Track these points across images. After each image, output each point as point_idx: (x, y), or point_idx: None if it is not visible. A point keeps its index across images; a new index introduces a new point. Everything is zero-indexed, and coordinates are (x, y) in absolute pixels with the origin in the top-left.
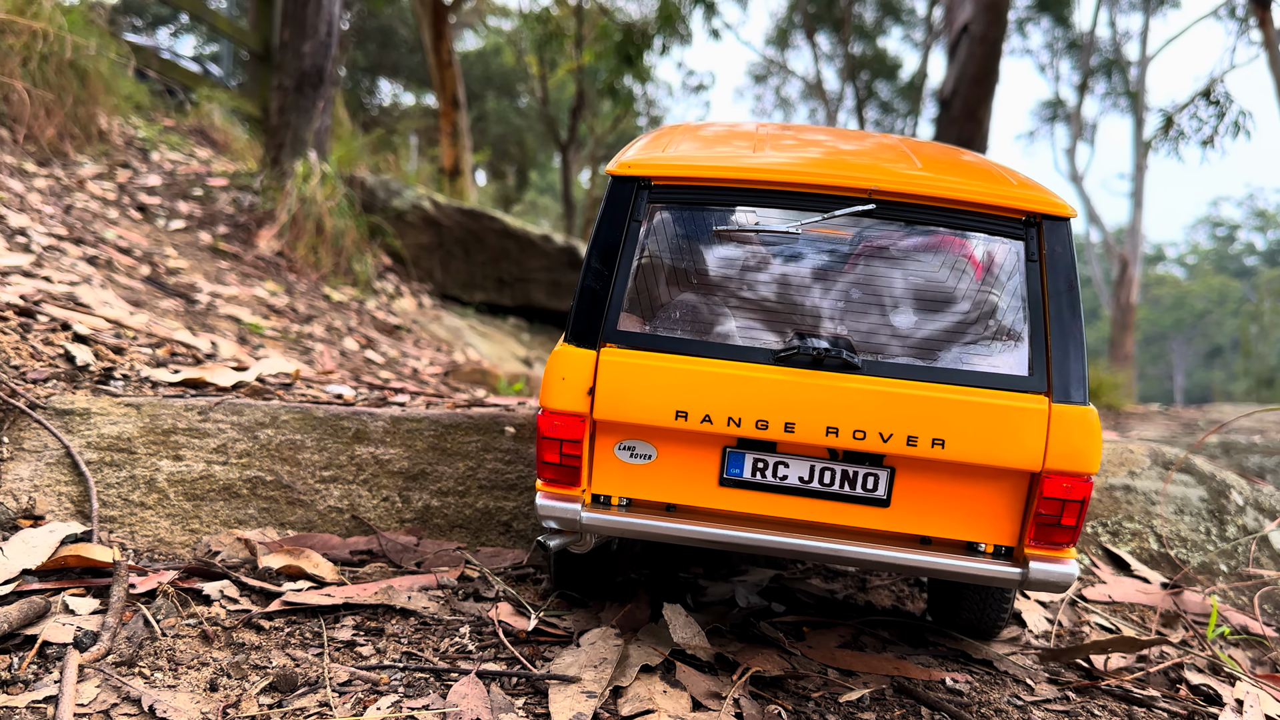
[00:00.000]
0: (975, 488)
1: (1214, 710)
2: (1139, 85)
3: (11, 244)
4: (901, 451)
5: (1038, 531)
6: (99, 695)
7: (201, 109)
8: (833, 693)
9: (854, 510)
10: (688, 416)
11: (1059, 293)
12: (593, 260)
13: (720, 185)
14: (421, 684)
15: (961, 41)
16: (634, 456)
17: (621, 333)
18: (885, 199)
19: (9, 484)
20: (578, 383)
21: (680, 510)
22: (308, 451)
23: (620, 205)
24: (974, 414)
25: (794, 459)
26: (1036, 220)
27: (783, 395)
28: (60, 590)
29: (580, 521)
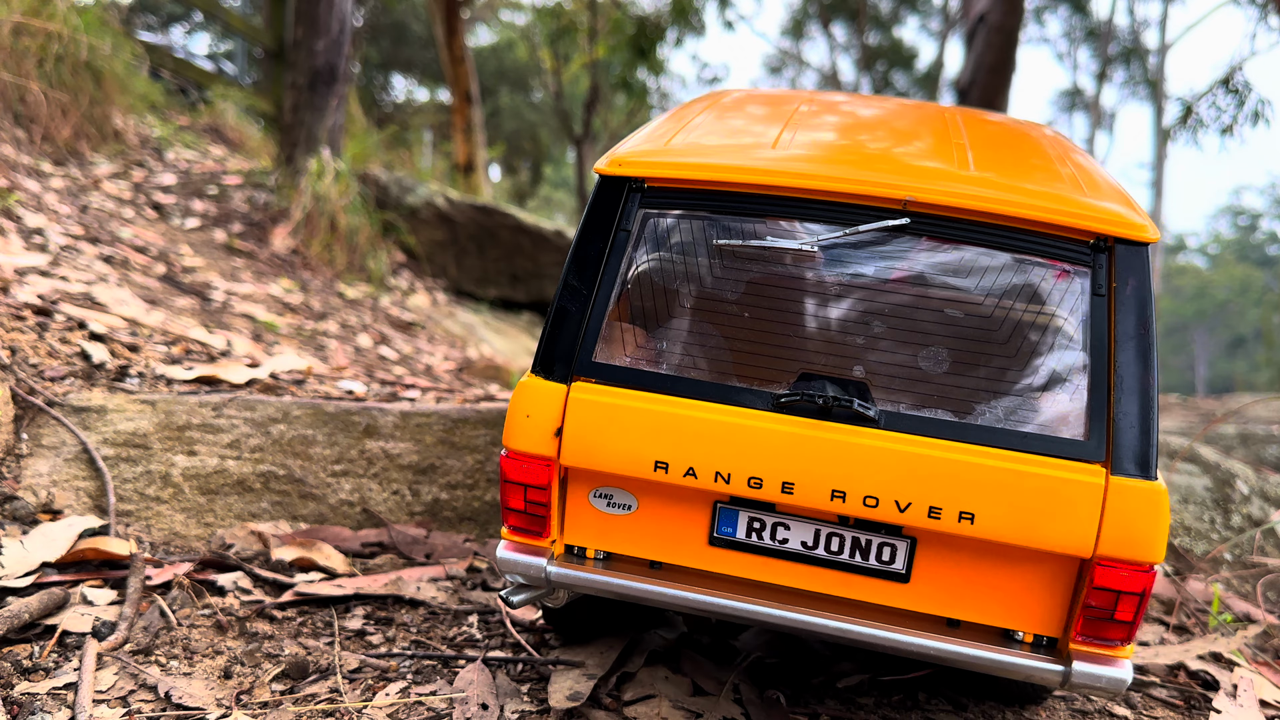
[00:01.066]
0: (1013, 569)
1: (1210, 694)
2: (1158, 73)
3: (29, 244)
4: (922, 524)
5: (1085, 625)
6: (117, 682)
7: (215, 107)
8: (831, 679)
9: (867, 584)
10: (668, 468)
11: (1129, 336)
12: (570, 276)
13: (723, 189)
14: (429, 671)
15: (978, 30)
16: (611, 505)
17: (597, 365)
18: (922, 211)
19: (28, 479)
20: (545, 421)
21: (666, 569)
22: (319, 446)
23: (606, 211)
24: (1012, 484)
25: (796, 520)
26: (1108, 244)
27: (781, 449)
28: (78, 582)
29: (547, 577)
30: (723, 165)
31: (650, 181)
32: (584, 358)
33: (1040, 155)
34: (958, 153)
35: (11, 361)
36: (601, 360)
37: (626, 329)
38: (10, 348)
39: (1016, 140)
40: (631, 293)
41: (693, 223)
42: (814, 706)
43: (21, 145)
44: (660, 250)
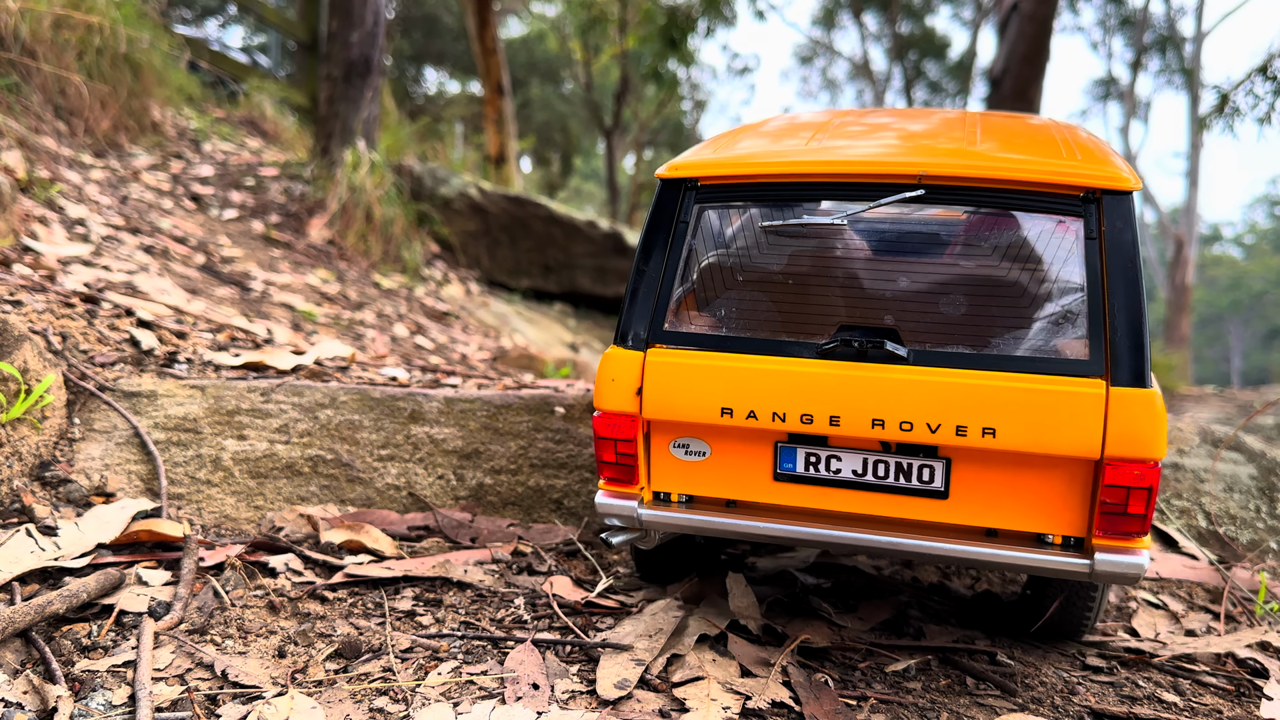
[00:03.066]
0: (1037, 477)
1: (1260, 682)
2: (1194, 62)
3: (71, 234)
4: (951, 442)
5: (1104, 521)
6: (174, 660)
7: (251, 100)
8: (879, 663)
9: (912, 503)
10: (733, 413)
11: (1119, 271)
12: (640, 262)
13: (765, 180)
14: (479, 651)
15: (1011, 19)
16: (688, 454)
17: (668, 333)
18: (935, 183)
19: (81, 463)
20: (627, 383)
21: (740, 505)
22: (365, 431)
23: (668, 208)
24: (1024, 401)
25: (847, 452)
26: (1096, 196)
27: (826, 389)
28: (133, 563)
29: (639, 519)
30: (761, 159)
31: (702, 181)
32: (656, 327)
33: (1043, 136)
34: (967, 137)
35: (63, 348)
36: (671, 328)
37: (690, 301)
38: (61, 334)
39: (1023, 128)
40: (691, 272)
41: (739, 210)
42: (862, 689)
43: (62, 137)
44: (713, 235)
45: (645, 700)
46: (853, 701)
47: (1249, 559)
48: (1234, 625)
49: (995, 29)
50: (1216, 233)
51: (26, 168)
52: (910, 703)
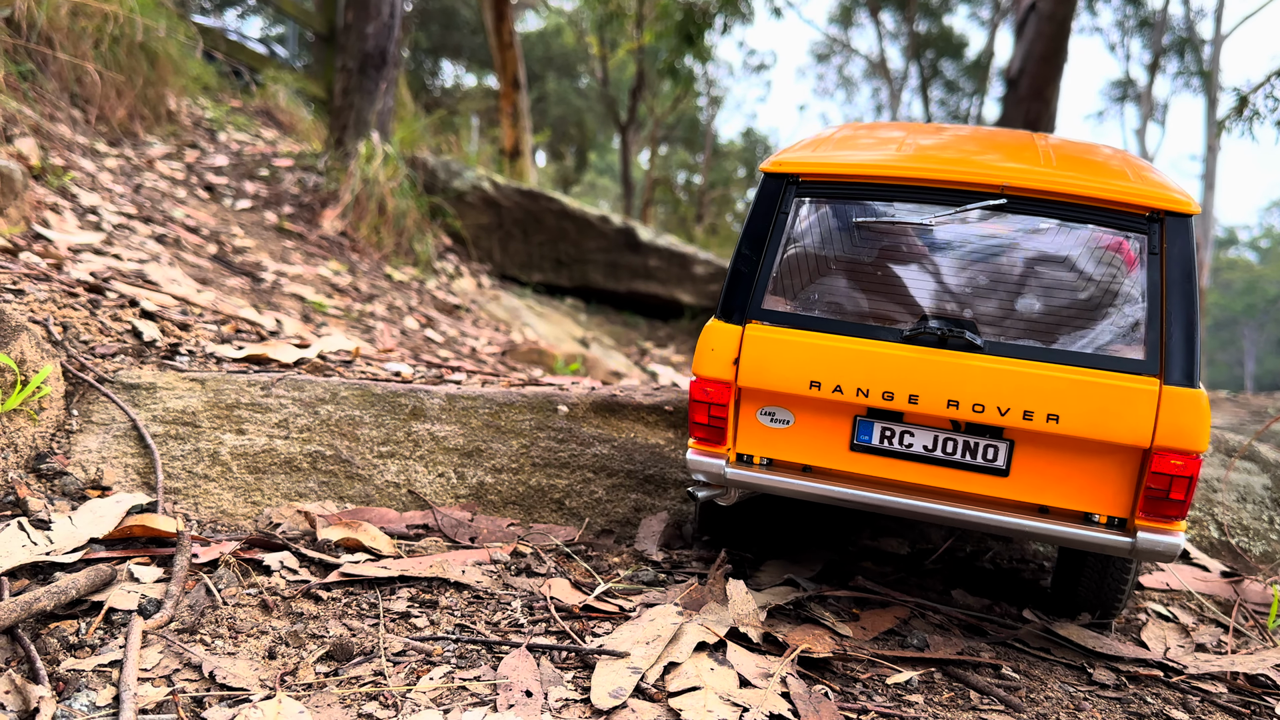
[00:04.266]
0: (1091, 462)
1: (1270, 701)
2: (1212, 64)
3: (83, 222)
4: (1018, 425)
5: (1147, 504)
6: (162, 660)
7: (267, 90)
8: (880, 674)
9: (975, 478)
10: (820, 387)
11: (1176, 283)
12: (743, 246)
13: (861, 181)
14: (473, 656)
15: (1029, 19)
16: (774, 421)
17: (765, 310)
18: (1015, 194)
19: (78, 455)
20: (725, 354)
21: (815, 471)
22: (366, 427)
23: (770, 198)
24: (1086, 392)
25: (919, 429)
26: (1160, 216)
27: (908, 370)
28: (126, 559)
29: (725, 476)
30: (862, 163)
31: (803, 176)
32: (755, 305)
33: (1110, 162)
34: (1041, 156)
35: (63, 338)
36: (768, 307)
37: (787, 283)
38: (62, 324)
39: (1086, 150)
40: (789, 257)
41: (835, 205)
42: (863, 702)
43: (78, 125)
44: (810, 226)
45: (640, 710)
46: (853, 715)
47: (1262, 571)
48: (1243, 639)
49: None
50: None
51: (40, 155)
52: (912, 717)
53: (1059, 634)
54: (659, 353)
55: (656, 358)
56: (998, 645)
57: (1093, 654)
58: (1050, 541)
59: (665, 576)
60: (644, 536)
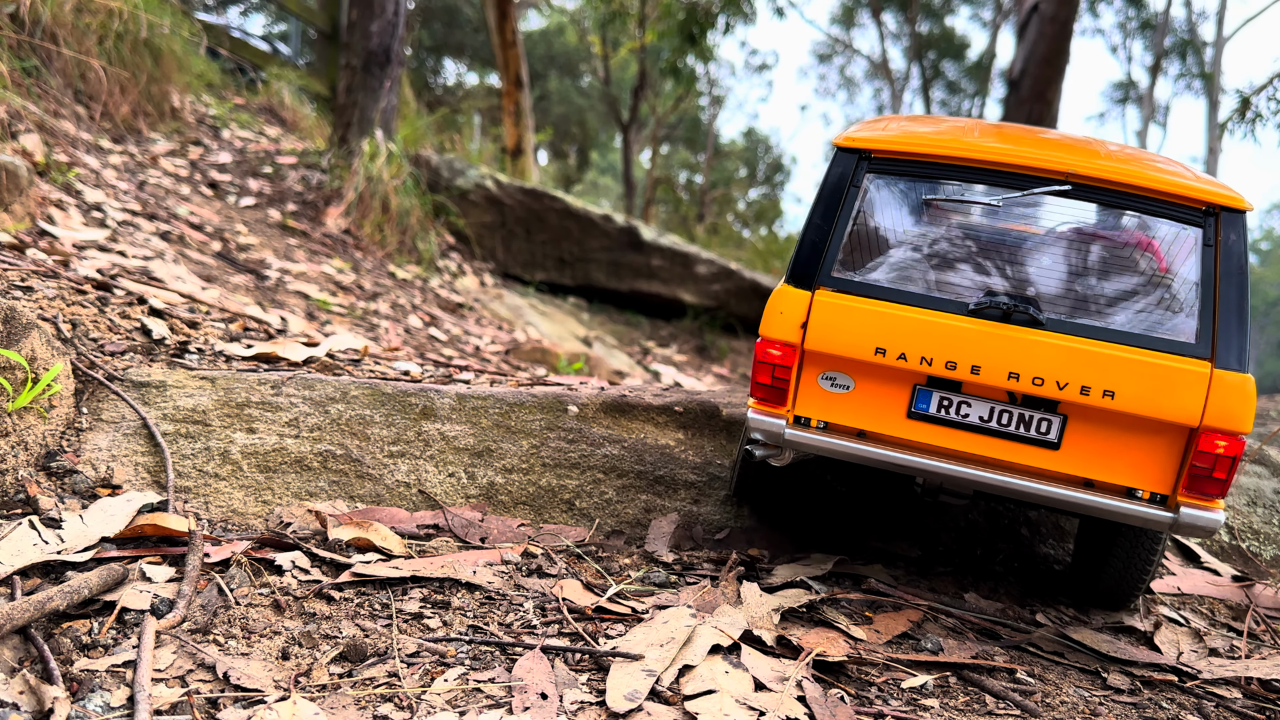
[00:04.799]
0: (1138, 439)
1: None
2: (1214, 66)
3: (88, 219)
4: (1075, 399)
5: (1190, 481)
6: (175, 661)
7: (271, 87)
8: (895, 678)
9: (1026, 450)
10: (886, 353)
11: (1229, 274)
12: (814, 216)
13: (932, 160)
14: (487, 657)
15: (1031, 21)
16: (834, 386)
17: (834, 278)
18: (1080, 181)
19: (88, 454)
20: (793, 317)
21: (869, 436)
22: (376, 427)
23: (842, 172)
24: (1142, 371)
25: (976, 400)
26: (1216, 210)
27: (972, 342)
28: (137, 558)
29: (784, 436)
30: (934, 142)
31: (875, 153)
32: (825, 273)
33: (1161, 161)
34: (1104, 153)
35: (72, 335)
36: (837, 275)
37: (855, 254)
38: (71, 322)
39: (1141, 152)
40: (858, 229)
41: (905, 182)
42: (879, 706)
43: (82, 122)
44: (879, 200)
45: (656, 713)
46: (869, 718)
47: (1273, 575)
48: (1256, 644)
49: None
50: None
51: (45, 151)
52: None
53: (1073, 638)
54: (661, 352)
55: (659, 357)
56: (1011, 649)
57: (1107, 658)
58: (1095, 514)
59: (676, 578)
60: (654, 537)
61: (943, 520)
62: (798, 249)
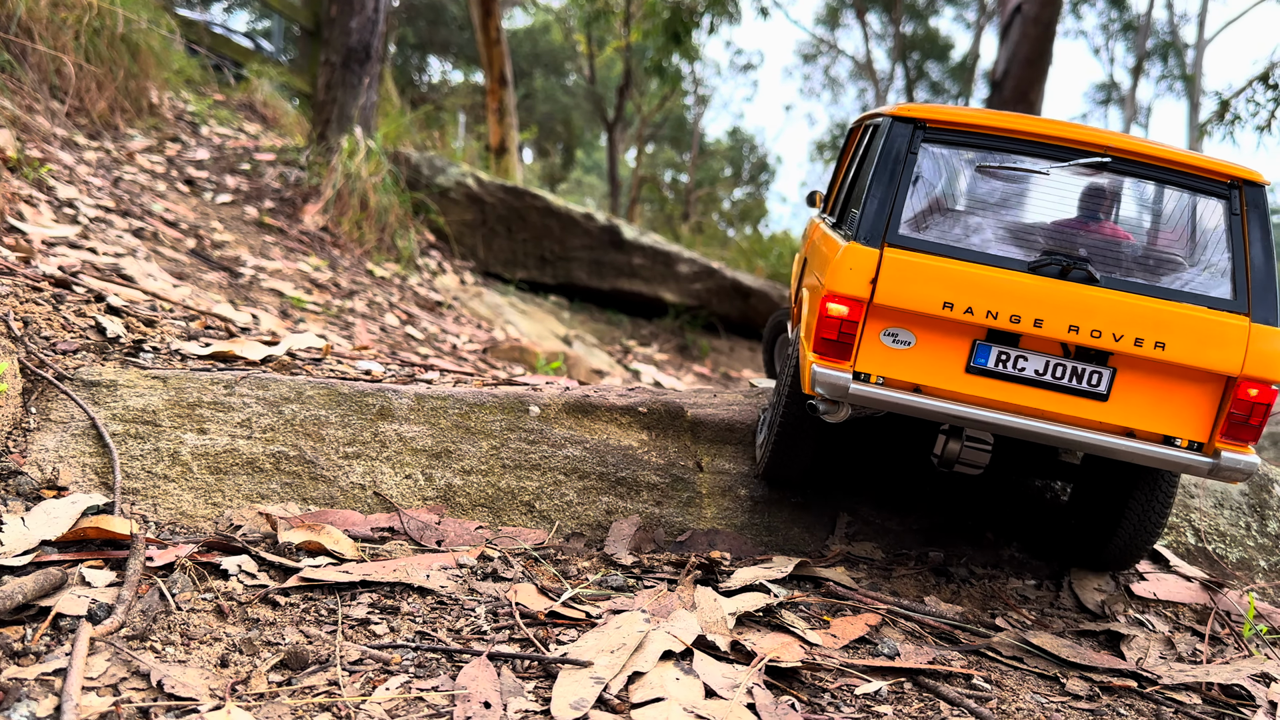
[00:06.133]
0: (1179, 390)
1: (1245, 711)
2: (1195, 69)
3: (59, 215)
4: (1129, 351)
5: (1228, 428)
6: (109, 669)
7: (251, 84)
8: (849, 684)
9: (1077, 402)
10: (953, 307)
11: (1256, 239)
12: (878, 180)
13: (981, 131)
14: (433, 665)
15: (1014, 22)
16: (896, 342)
17: (900, 236)
18: (1120, 156)
19: (34, 454)
20: (863, 273)
21: (924, 391)
22: (332, 427)
23: (901, 141)
24: (1190, 324)
25: (1033, 354)
26: (1239, 184)
27: (1034, 296)
28: (79, 562)
29: (849, 390)
30: (983, 116)
31: (930, 123)
32: (891, 231)
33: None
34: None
35: (23, 333)
36: (903, 233)
37: (916, 215)
38: (23, 319)
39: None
40: (918, 192)
41: (959, 151)
42: (830, 713)
43: (56, 117)
44: (937, 167)
45: None
46: None
47: (1238, 578)
48: (1220, 648)
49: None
50: None
51: (17, 147)
52: None
53: (1033, 643)
54: (642, 351)
55: (640, 356)
56: (970, 654)
57: (1066, 664)
58: (1142, 462)
59: (635, 582)
60: (615, 540)
61: (906, 523)
62: (863, 210)
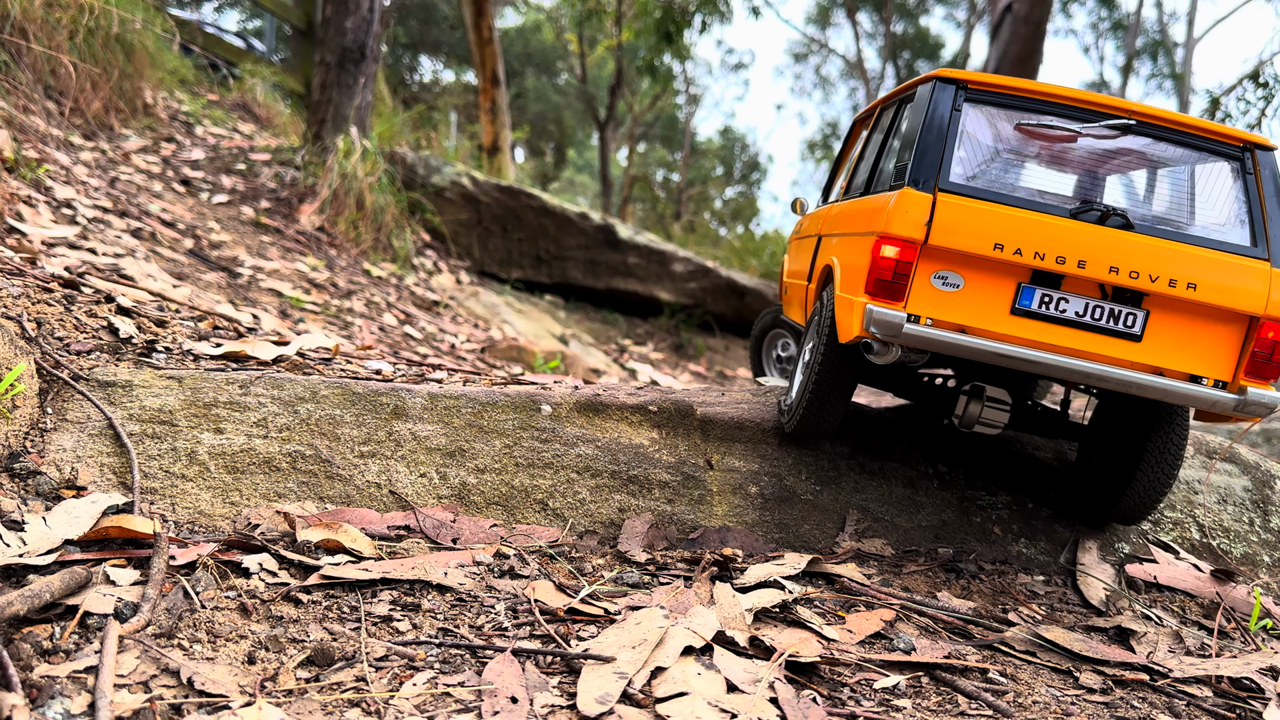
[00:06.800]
0: (1207, 331)
1: (1257, 707)
2: (1185, 67)
3: (58, 216)
4: (1164, 291)
5: (1251, 366)
6: (138, 666)
7: (245, 84)
8: (868, 679)
9: (1112, 342)
10: (1003, 248)
11: (1270, 195)
12: (925, 135)
13: (1017, 94)
14: (457, 661)
15: (1004, 21)
16: (945, 285)
17: (950, 183)
18: (1143, 120)
19: (52, 454)
20: (918, 216)
21: (970, 332)
22: (347, 427)
23: (944, 99)
24: (1219, 266)
25: (1073, 296)
26: (1251, 147)
27: (1078, 238)
28: (101, 561)
29: (903, 329)
30: (1018, 81)
31: (971, 84)
32: (943, 178)
33: None
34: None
35: (37, 334)
36: (954, 180)
37: (963, 165)
38: (36, 320)
39: None
40: (963, 145)
41: (998, 110)
42: (851, 708)
43: (52, 118)
44: (979, 123)
45: (627, 716)
46: (841, 719)
47: (1243, 573)
48: (1227, 641)
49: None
50: None
51: (14, 147)
52: None
53: (1046, 637)
54: (638, 350)
55: (635, 355)
56: (984, 648)
57: (1079, 657)
58: (1175, 400)
59: (650, 579)
60: (628, 538)
61: (915, 519)
62: (914, 159)
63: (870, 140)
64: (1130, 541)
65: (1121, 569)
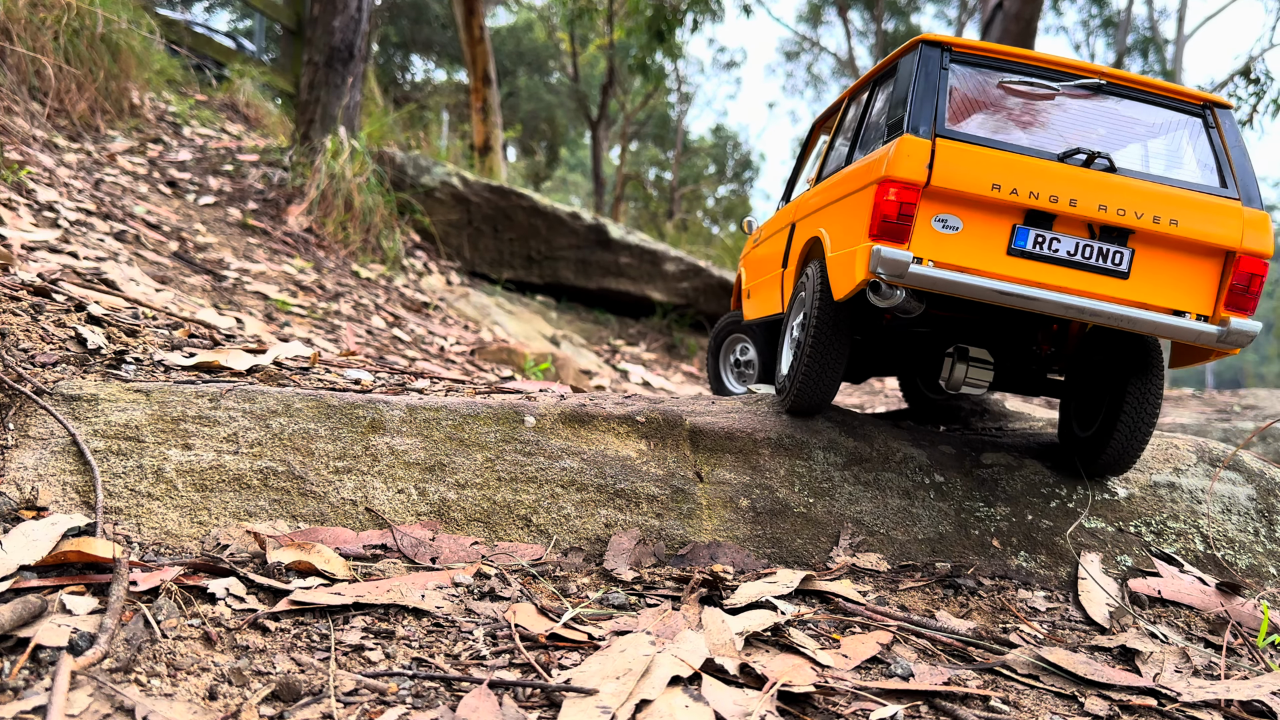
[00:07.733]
0: (1188, 266)
1: None
2: (1175, 64)
3: (39, 219)
4: (1149, 227)
5: (1230, 298)
6: (91, 705)
7: (233, 84)
8: (864, 708)
9: (1101, 280)
10: (1000, 188)
11: (1233, 146)
12: (918, 91)
13: (996, 56)
14: (431, 694)
15: (995, 18)
16: (945, 227)
17: (947, 130)
18: (1111, 81)
19: (12, 473)
20: (919, 159)
21: (970, 273)
22: (321, 441)
23: (932, 60)
24: (1197, 204)
25: (1065, 236)
26: (1211, 106)
27: (1069, 179)
28: (59, 588)
29: (909, 269)
30: (1001, 46)
31: (955, 46)
32: (939, 125)
33: None
34: None
35: (0, 346)
36: (949, 127)
37: (956, 116)
38: (0, 331)
39: None
40: (954, 99)
41: (981, 70)
42: None
43: (36, 119)
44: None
45: None
46: None
47: (1248, 586)
48: (1235, 659)
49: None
50: None
51: None
52: None
53: (1048, 659)
54: (630, 350)
55: (628, 356)
56: (985, 672)
57: (1083, 681)
58: (1161, 334)
59: (637, 599)
60: (614, 555)
61: (911, 532)
62: (912, 107)
63: (841, 128)
64: (1133, 554)
65: (1124, 583)
